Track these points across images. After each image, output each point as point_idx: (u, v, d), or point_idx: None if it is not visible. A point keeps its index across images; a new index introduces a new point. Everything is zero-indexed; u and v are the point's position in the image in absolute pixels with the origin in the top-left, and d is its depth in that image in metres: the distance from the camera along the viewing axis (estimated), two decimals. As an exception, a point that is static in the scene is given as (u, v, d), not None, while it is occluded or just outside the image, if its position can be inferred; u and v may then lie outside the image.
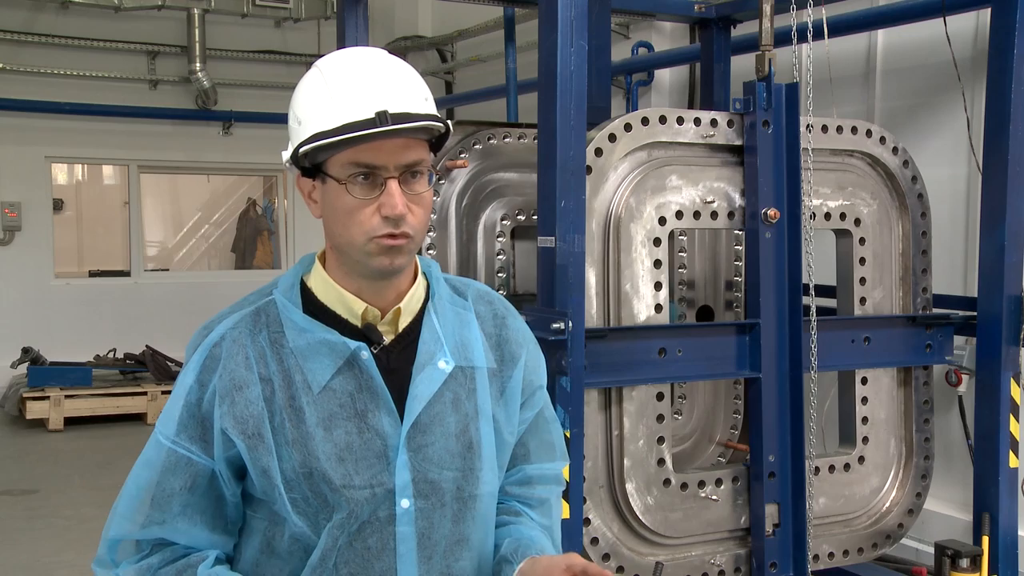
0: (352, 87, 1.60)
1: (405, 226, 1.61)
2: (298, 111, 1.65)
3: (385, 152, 1.59)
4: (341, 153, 1.60)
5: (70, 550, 5.72)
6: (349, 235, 1.63)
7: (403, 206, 1.60)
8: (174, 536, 1.68)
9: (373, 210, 1.60)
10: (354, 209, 1.61)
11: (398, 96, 1.61)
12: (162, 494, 1.66)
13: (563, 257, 3.48)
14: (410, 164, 1.62)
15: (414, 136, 1.62)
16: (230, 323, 1.70)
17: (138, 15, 10.10)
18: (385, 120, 1.56)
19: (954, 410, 5.16)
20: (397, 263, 1.64)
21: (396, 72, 1.66)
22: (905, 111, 5.64)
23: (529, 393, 1.84)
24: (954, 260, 5.25)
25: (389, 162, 1.60)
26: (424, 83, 1.69)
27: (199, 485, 1.67)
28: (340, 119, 1.57)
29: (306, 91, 1.66)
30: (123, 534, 1.69)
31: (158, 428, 1.70)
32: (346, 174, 1.60)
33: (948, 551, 4.11)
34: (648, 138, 3.83)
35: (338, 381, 1.66)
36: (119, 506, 1.70)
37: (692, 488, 3.92)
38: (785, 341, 3.95)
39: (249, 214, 12.98)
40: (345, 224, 1.62)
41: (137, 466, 1.71)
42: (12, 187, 9.96)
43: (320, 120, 1.60)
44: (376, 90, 1.60)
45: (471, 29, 9.35)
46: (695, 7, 5.39)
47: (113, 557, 1.70)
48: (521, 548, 1.76)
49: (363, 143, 1.58)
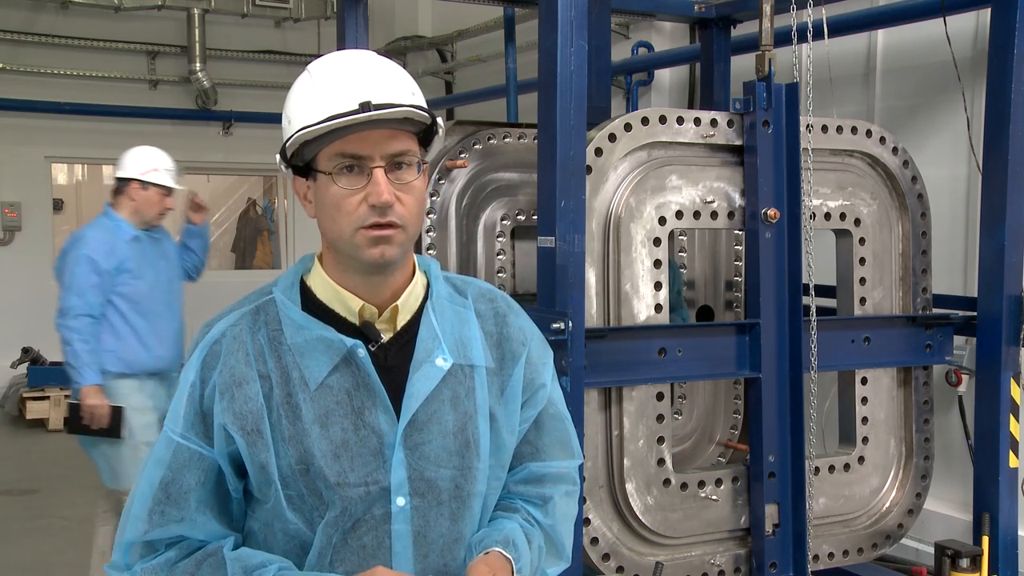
0: (337, 82, 1.63)
1: (392, 215, 1.62)
2: (288, 111, 1.68)
3: (370, 142, 1.61)
4: (328, 146, 1.62)
5: (70, 550, 5.72)
6: (338, 228, 1.63)
7: (389, 194, 1.60)
8: (193, 531, 1.67)
9: (360, 199, 1.61)
10: (341, 199, 1.62)
11: (382, 88, 1.62)
12: (178, 491, 1.66)
13: (563, 257, 3.48)
14: (396, 154, 1.63)
15: (400, 127, 1.63)
16: (230, 320, 1.71)
17: (138, 15, 10.11)
18: (367, 108, 1.58)
19: (954, 410, 5.16)
20: (388, 254, 1.64)
21: (381, 67, 1.68)
22: (905, 111, 5.64)
23: (531, 392, 1.83)
24: (954, 260, 5.25)
25: (375, 152, 1.61)
26: (413, 81, 1.70)
27: (210, 480, 1.67)
28: (325, 112, 1.60)
29: (295, 92, 1.69)
30: (139, 535, 1.67)
31: (167, 426, 1.70)
32: (333, 165, 1.62)
33: (948, 551, 4.11)
34: (648, 138, 3.83)
35: (335, 378, 1.66)
36: (133, 508, 1.69)
37: (692, 488, 3.91)
38: (785, 341, 3.94)
39: (249, 214, 12.99)
40: (333, 217, 1.63)
41: (148, 466, 1.70)
42: (12, 187, 9.97)
43: (306, 115, 1.62)
44: (360, 83, 1.62)
45: (471, 29, 9.35)
46: (695, 7, 5.39)
47: (127, 561, 1.69)
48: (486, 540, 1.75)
49: (348, 133, 1.59)
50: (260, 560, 1.64)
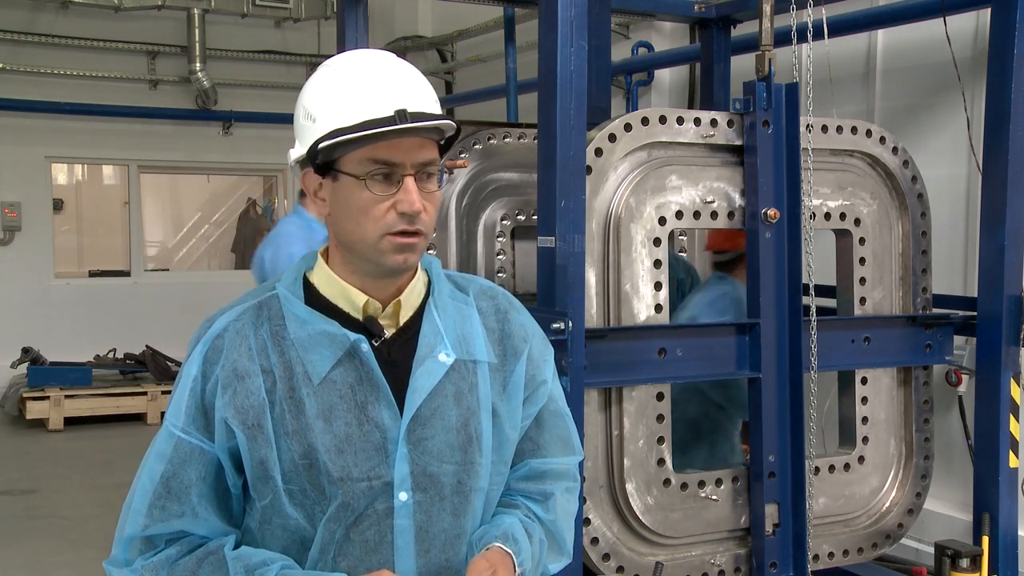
0: (369, 85, 1.62)
1: (419, 223, 1.63)
2: (311, 108, 1.66)
3: (403, 150, 1.61)
4: (359, 150, 1.61)
5: (70, 550, 5.72)
6: (362, 232, 1.63)
7: (420, 203, 1.62)
8: (193, 527, 1.66)
9: (388, 206, 1.62)
10: (369, 205, 1.62)
11: (414, 95, 1.63)
12: (180, 485, 1.65)
13: (563, 257, 3.48)
14: (425, 163, 1.64)
15: (428, 136, 1.64)
16: (233, 315, 1.71)
17: (138, 15, 10.11)
18: (405, 118, 1.58)
19: (954, 410, 5.17)
20: (411, 261, 1.67)
21: (409, 73, 1.69)
22: (905, 111, 5.64)
23: (533, 388, 1.84)
24: (954, 260, 5.25)
25: (407, 160, 1.62)
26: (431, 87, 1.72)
27: (211, 475, 1.67)
28: (359, 116, 1.59)
29: (319, 88, 1.67)
30: (139, 530, 1.67)
31: (168, 420, 1.70)
32: (364, 170, 1.61)
33: (948, 551, 4.11)
34: (648, 138, 3.83)
35: (338, 373, 1.67)
36: (134, 503, 1.68)
37: (692, 488, 3.91)
38: (785, 341, 3.94)
39: (249, 214, 12.99)
40: (358, 221, 1.63)
41: (149, 460, 1.69)
42: (12, 187, 9.98)
43: (338, 116, 1.61)
44: (393, 88, 1.62)
45: (471, 29, 9.36)
46: (695, 7, 5.39)
47: (127, 556, 1.68)
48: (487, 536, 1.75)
49: (381, 139, 1.60)
50: (262, 559, 1.64)
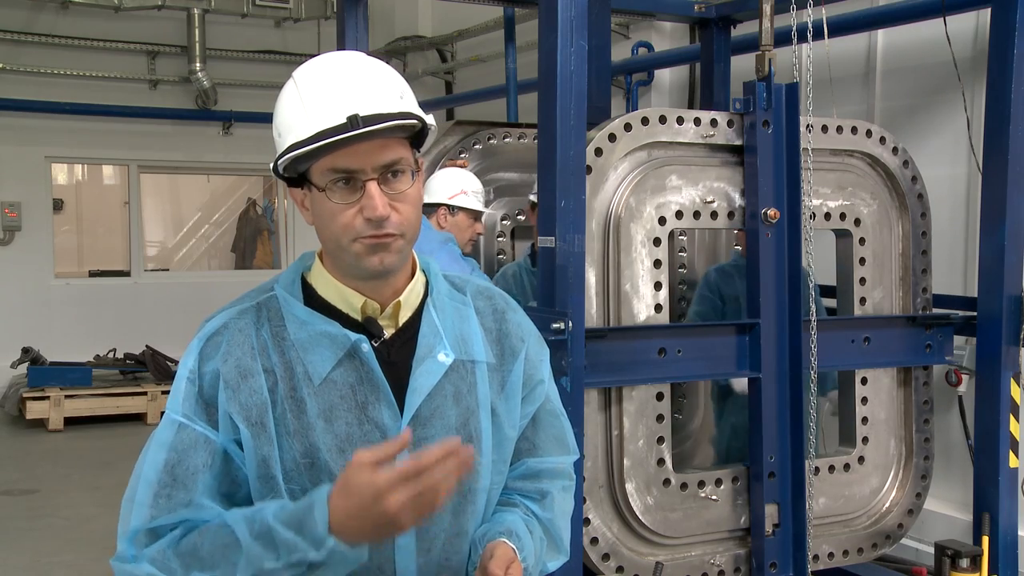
0: (322, 94, 1.61)
1: (389, 226, 1.62)
2: (277, 123, 1.67)
3: (361, 155, 1.59)
4: (320, 161, 1.61)
5: (70, 550, 5.72)
6: (336, 239, 1.64)
7: (384, 207, 1.60)
8: (200, 515, 1.63)
9: (355, 212, 1.61)
10: (336, 213, 1.61)
11: (369, 98, 1.60)
12: (185, 472, 1.63)
13: (563, 257, 3.48)
14: (388, 164, 1.62)
15: (390, 135, 1.61)
16: (233, 312, 1.71)
17: (138, 15, 10.10)
18: (356, 124, 1.56)
19: (954, 410, 5.16)
20: (387, 262, 1.64)
21: (368, 73, 1.65)
22: (905, 111, 5.64)
23: (530, 388, 1.84)
24: (954, 260, 5.25)
25: (366, 164, 1.60)
26: (401, 80, 1.68)
27: (216, 463, 1.64)
28: (313, 127, 1.58)
29: (283, 102, 1.67)
30: (145, 522, 1.63)
31: (169, 410, 1.68)
32: (326, 180, 1.61)
33: (948, 551, 4.11)
34: (648, 138, 3.83)
35: (339, 373, 1.67)
36: (137, 495, 1.65)
37: (692, 488, 3.91)
38: (785, 341, 3.95)
39: (249, 214, 12.98)
40: (331, 229, 1.63)
41: (151, 450, 1.67)
42: (12, 187, 9.97)
43: (296, 131, 1.61)
44: (346, 94, 1.60)
45: (471, 29, 9.36)
46: (695, 7, 5.40)
47: (134, 551, 1.63)
48: (490, 533, 1.76)
49: (338, 149, 1.58)
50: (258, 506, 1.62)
